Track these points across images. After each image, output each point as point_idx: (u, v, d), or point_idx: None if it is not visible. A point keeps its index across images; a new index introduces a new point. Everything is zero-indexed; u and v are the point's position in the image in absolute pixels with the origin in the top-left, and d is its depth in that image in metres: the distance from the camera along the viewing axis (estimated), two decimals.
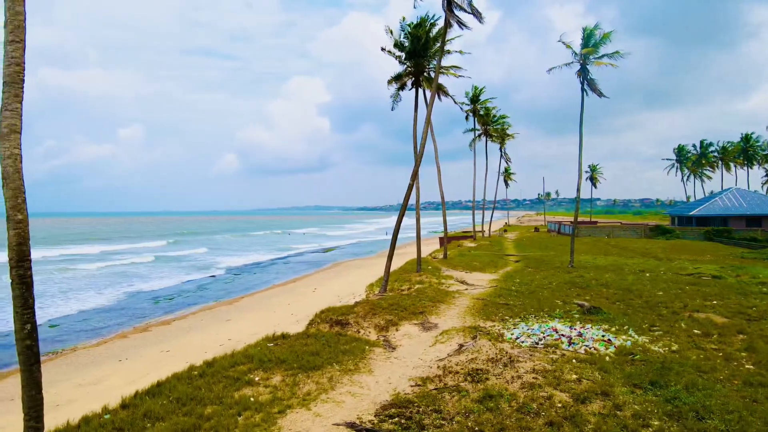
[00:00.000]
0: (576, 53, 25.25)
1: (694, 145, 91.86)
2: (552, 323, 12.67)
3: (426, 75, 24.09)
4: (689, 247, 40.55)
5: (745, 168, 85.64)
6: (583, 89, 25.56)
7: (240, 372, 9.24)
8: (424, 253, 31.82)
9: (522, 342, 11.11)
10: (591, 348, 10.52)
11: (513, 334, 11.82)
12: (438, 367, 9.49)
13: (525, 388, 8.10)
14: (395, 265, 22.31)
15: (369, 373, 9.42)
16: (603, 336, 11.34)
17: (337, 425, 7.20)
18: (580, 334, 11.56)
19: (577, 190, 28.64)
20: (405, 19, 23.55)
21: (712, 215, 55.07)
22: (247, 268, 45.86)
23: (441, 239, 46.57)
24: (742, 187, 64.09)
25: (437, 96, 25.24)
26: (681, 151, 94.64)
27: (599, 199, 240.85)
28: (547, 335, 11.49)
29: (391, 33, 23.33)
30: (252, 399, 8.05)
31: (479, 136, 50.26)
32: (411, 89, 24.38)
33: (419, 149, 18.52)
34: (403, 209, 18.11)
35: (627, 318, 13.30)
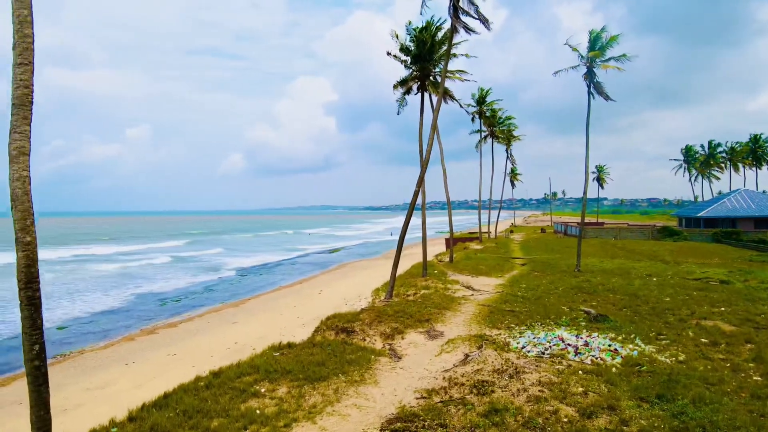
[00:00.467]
0: (582, 56, 25.08)
1: (702, 146, 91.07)
2: (558, 331, 12.62)
3: (432, 79, 24.05)
4: (697, 250, 40.27)
5: (754, 169, 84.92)
6: (590, 93, 25.40)
7: (246, 383, 9.28)
8: (430, 254, 31.81)
9: (528, 352, 11.08)
10: (597, 358, 10.48)
11: (519, 343, 11.79)
12: (444, 379, 9.47)
13: (531, 401, 8.07)
14: (401, 268, 22.30)
15: (374, 385, 9.42)
16: (609, 345, 11.29)
17: None
18: (586, 343, 11.51)
19: (584, 193, 28.49)
20: (411, 23, 23.55)
21: (720, 217, 54.61)
22: (255, 269, 46.14)
23: (447, 240, 46.55)
24: (750, 188, 63.57)
25: (443, 99, 25.16)
26: (689, 152, 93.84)
27: (606, 199, 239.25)
28: (553, 344, 11.45)
29: (397, 37, 23.34)
30: (258, 411, 8.08)
31: (485, 137, 50.12)
32: (417, 93, 24.37)
33: (425, 156, 18.41)
34: (409, 215, 18.03)
35: (634, 326, 13.25)
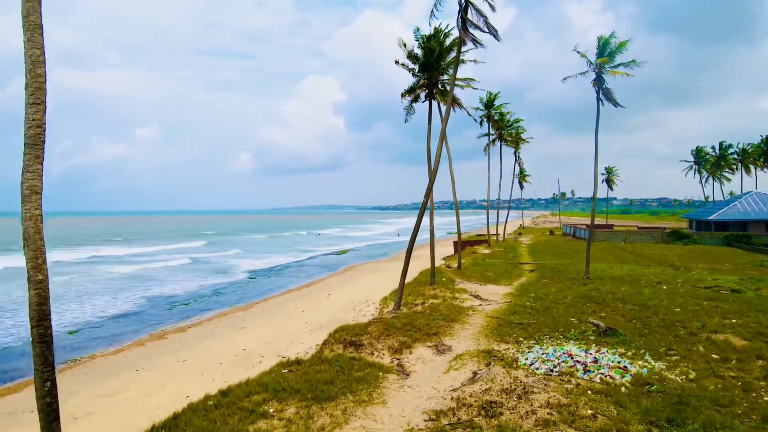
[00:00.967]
0: (591, 62, 24.91)
1: (713, 147, 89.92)
2: (567, 346, 12.57)
3: (440, 87, 24.01)
4: (707, 254, 39.90)
5: (766, 170, 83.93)
6: (599, 99, 25.23)
7: (255, 403, 9.33)
8: (438, 257, 31.74)
9: (536, 369, 11.05)
10: (607, 376, 10.43)
11: (527, 359, 11.76)
12: (452, 399, 9.48)
13: (539, 425, 8.05)
14: (409, 275, 22.26)
15: (383, 405, 9.44)
16: (619, 362, 11.23)
17: None
18: (595, 360, 11.46)
19: (593, 198, 28.36)
20: (419, 30, 23.52)
21: (731, 220, 54.06)
22: (264, 272, 46.43)
23: (455, 243, 46.49)
24: (762, 191, 62.81)
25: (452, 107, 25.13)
26: (699, 153, 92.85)
27: (615, 199, 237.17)
28: (562, 361, 11.41)
29: (405, 45, 23.32)
30: None
31: (493, 140, 50.01)
32: (424, 101, 24.33)
33: (433, 166, 18.33)
34: (416, 228, 17.97)
35: (643, 339, 13.15)
